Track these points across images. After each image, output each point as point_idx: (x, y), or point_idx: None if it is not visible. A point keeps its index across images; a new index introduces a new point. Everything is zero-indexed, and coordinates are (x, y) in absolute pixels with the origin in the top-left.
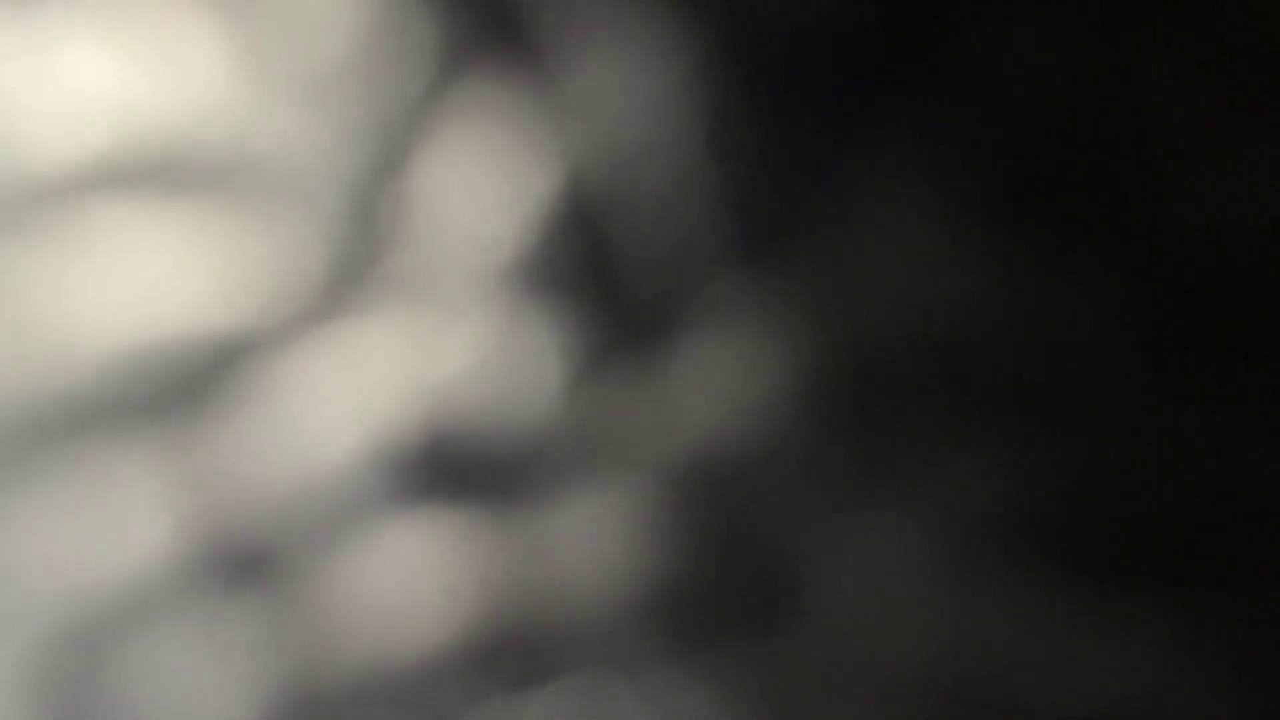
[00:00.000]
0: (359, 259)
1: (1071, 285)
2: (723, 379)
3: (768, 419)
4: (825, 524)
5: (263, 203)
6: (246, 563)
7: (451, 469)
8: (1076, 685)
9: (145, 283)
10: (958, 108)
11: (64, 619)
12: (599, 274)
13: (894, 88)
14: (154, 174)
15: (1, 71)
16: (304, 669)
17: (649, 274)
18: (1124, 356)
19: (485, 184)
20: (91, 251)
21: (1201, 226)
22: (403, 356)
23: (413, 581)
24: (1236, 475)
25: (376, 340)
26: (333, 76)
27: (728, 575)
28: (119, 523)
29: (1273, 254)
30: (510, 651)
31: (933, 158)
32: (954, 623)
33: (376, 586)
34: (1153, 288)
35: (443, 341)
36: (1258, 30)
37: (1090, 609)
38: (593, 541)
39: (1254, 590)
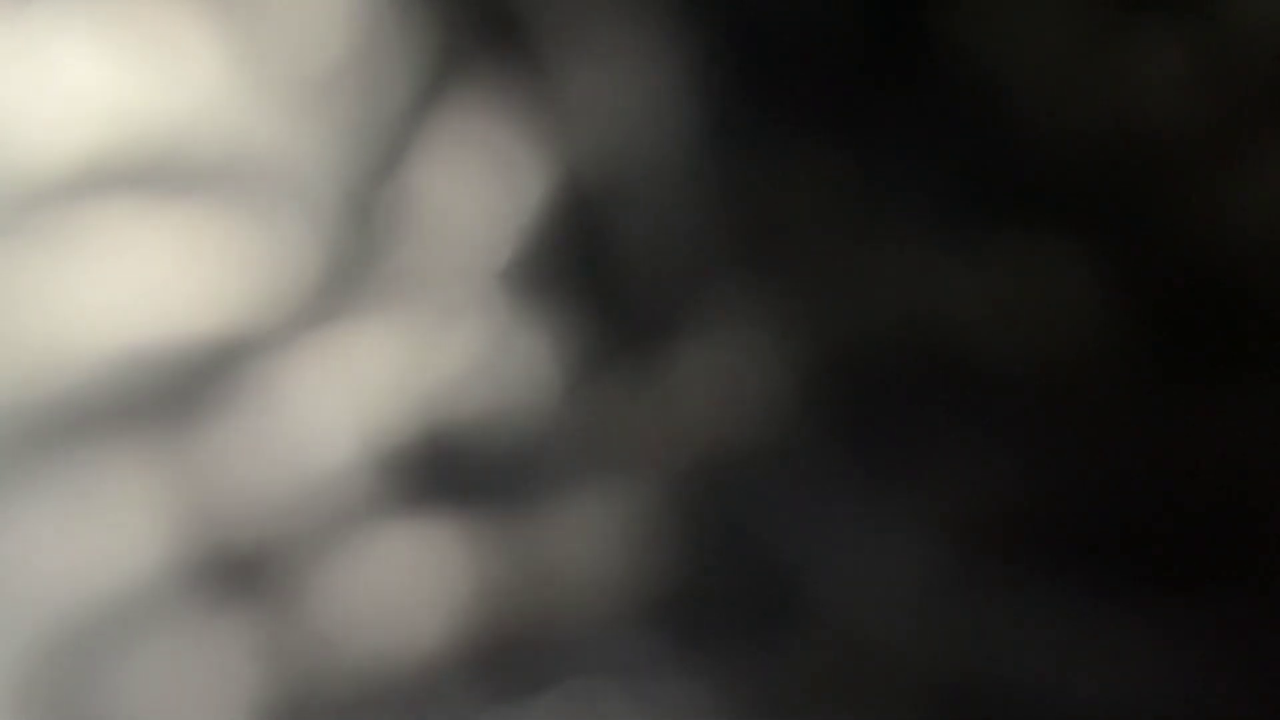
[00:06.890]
0: (356, 261)
1: (1072, 285)
2: (722, 380)
3: (768, 420)
4: (826, 525)
5: (259, 204)
6: (243, 566)
7: (450, 472)
8: (1077, 685)
9: (141, 285)
10: (958, 106)
11: (58, 623)
12: (598, 275)
13: (894, 87)
14: (150, 176)
15: None
16: (300, 673)
17: (648, 275)
18: (1125, 356)
19: (483, 185)
20: (87, 253)
21: (1203, 226)
22: (400, 359)
23: (411, 585)
24: (1239, 475)
25: (374, 342)
26: (329, 78)
27: (728, 577)
28: (114, 526)
29: (1274, 252)
30: (509, 656)
31: (933, 157)
32: (955, 623)
33: (374, 590)
34: (1153, 287)
35: (440, 343)
36: (1258, 26)
37: (1091, 609)
38: (592, 544)
39: (1256, 590)
